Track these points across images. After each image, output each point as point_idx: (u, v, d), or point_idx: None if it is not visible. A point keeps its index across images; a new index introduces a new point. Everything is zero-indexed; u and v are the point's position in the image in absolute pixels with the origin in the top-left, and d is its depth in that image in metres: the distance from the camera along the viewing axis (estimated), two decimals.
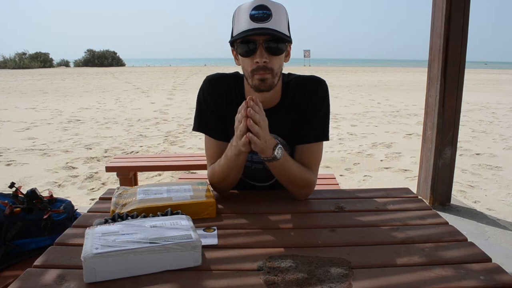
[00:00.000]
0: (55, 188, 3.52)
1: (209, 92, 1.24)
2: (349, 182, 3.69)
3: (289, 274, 0.78)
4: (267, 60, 1.08)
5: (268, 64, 1.08)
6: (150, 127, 6.41)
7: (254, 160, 1.27)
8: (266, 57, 1.07)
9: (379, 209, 1.16)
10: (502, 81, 19.48)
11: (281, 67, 1.14)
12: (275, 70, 1.10)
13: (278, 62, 1.11)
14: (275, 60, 1.09)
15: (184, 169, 3.53)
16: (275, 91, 1.19)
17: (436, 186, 2.91)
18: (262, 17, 1.04)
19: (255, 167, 1.28)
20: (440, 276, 0.78)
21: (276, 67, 1.10)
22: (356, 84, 15.80)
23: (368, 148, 5.04)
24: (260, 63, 1.08)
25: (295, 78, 1.25)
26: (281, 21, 1.07)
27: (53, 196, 1.52)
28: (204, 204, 1.07)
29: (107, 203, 1.22)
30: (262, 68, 1.09)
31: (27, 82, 16.15)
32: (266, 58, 1.07)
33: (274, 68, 1.10)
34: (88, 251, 0.75)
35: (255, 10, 1.05)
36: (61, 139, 5.50)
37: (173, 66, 39.61)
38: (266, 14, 1.05)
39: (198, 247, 0.81)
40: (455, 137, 2.85)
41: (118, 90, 12.95)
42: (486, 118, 7.46)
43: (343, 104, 9.33)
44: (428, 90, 2.90)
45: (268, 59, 1.08)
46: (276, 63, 1.10)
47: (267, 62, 1.08)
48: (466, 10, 2.66)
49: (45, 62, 33.39)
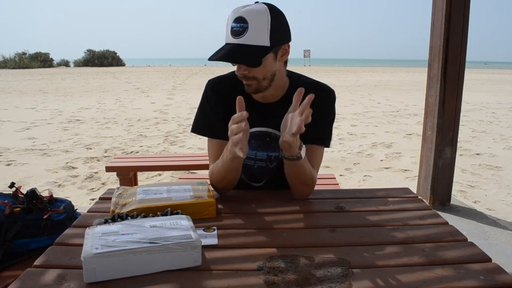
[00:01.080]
0: (55, 188, 3.52)
1: (212, 94, 1.26)
2: (349, 182, 3.69)
3: (289, 274, 0.78)
4: (245, 72, 1.10)
5: (249, 74, 1.10)
6: (150, 127, 6.41)
7: (258, 158, 1.27)
8: (244, 69, 1.09)
9: (379, 209, 1.16)
10: (502, 81, 19.48)
11: (270, 70, 1.12)
12: (258, 78, 1.11)
13: (261, 70, 1.10)
14: (255, 70, 1.09)
15: (184, 169, 3.53)
16: (278, 87, 1.20)
17: (436, 186, 2.91)
18: (238, 31, 1.05)
19: (258, 165, 1.28)
20: (440, 276, 0.78)
21: (259, 75, 1.11)
22: (356, 84, 15.80)
23: (368, 148, 5.04)
24: (239, 75, 1.10)
25: (306, 80, 1.26)
26: (259, 32, 1.05)
27: (53, 196, 1.51)
28: (204, 204, 1.07)
29: (107, 203, 1.22)
30: (244, 77, 1.11)
31: (27, 82, 16.15)
32: (245, 69, 1.09)
33: (257, 76, 1.11)
34: (88, 251, 0.75)
35: (234, 23, 1.06)
36: (61, 139, 5.50)
37: (173, 66, 39.62)
38: (242, 27, 1.04)
39: (198, 247, 0.81)
40: (455, 137, 2.85)
41: (118, 90, 12.95)
42: (486, 118, 7.46)
43: (343, 104, 9.33)
44: (428, 90, 2.90)
45: (247, 70, 1.09)
46: (257, 72, 1.10)
47: (247, 73, 1.10)
48: (466, 10, 2.66)
49: (45, 62, 33.38)
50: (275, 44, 1.07)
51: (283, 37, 1.11)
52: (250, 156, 1.27)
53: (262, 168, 1.29)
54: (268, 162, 1.28)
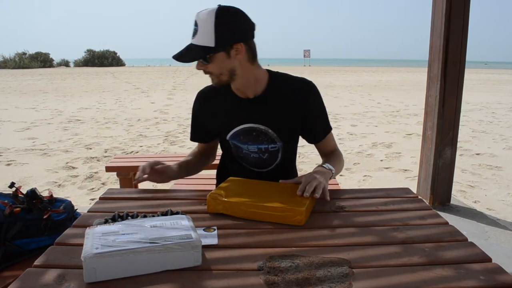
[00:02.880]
0: (55, 188, 3.52)
1: (199, 106, 1.41)
2: (349, 182, 3.69)
3: (289, 274, 0.78)
4: (201, 68, 1.20)
5: (206, 69, 1.20)
6: (150, 127, 6.41)
7: (250, 150, 1.36)
8: (200, 65, 1.19)
9: (379, 209, 1.16)
10: (502, 81, 19.48)
11: (226, 67, 1.19)
12: (214, 73, 1.20)
13: (214, 67, 1.18)
14: (209, 66, 1.18)
15: None
16: (256, 82, 1.28)
17: (436, 186, 2.91)
18: (193, 33, 1.16)
19: (253, 156, 1.38)
20: (440, 276, 0.78)
21: (215, 70, 1.20)
22: (356, 84, 15.80)
23: (368, 148, 5.04)
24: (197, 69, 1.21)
25: (284, 76, 1.34)
26: (204, 34, 1.13)
27: (53, 196, 1.51)
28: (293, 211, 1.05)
29: (107, 203, 1.22)
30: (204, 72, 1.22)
31: (27, 82, 16.15)
32: (201, 66, 1.19)
33: (213, 72, 1.20)
34: (88, 251, 0.75)
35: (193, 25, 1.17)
36: (61, 139, 5.50)
37: (173, 66, 39.58)
38: (195, 30, 1.15)
39: (198, 247, 0.82)
40: (455, 137, 2.85)
41: (118, 90, 12.95)
42: (486, 118, 7.46)
43: (343, 104, 9.33)
44: (428, 90, 2.90)
45: (203, 66, 1.19)
46: (212, 68, 1.19)
47: (203, 69, 1.20)
48: (466, 10, 2.66)
49: (45, 62, 33.35)
50: (222, 44, 1.14)
51: (233, 37, 1.16)
52: (243, 149, 1.37)
53: (257, 159, 1.38)
54: (260, 154, 1.36)
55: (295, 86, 1.31)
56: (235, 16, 1.16)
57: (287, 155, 1.39)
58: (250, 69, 1.24)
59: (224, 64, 1.18)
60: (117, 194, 1.32)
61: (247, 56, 1.21)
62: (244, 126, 1.32)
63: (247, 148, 1.36)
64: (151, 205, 1.21)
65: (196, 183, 2.43)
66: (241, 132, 1.34)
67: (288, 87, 1.31)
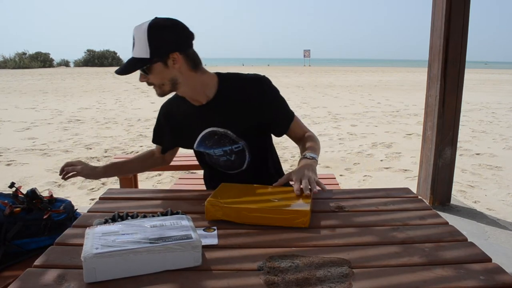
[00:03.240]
0: (55, 188, 3.52)
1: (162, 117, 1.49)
2: (349, 182, 3.69)
3: (289, 274, 0.78)
4: (143, 80, 1.23)
5: (148, 80, 1.23)
6: (150, 127, 6.41)
7: (217, 154, 1.38)
8: (142, 78, 1.23)
9: (379, 209, 1.16)
10: (502, 81, 19.48)
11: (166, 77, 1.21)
12: (156, 83, 1.23)
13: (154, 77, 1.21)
14: (150, 77, 1.21)
15: (184, 169, 3.52)
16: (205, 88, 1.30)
17: (436, 186, 2.91)
18: (132, 47, 1.19)
19: (222, 159, 1.39)
20: (440, 276, 0.78)
21: (156, 81, 1.22)
22: (356, 84, 15.80)
23: (368, 148, 5.04)
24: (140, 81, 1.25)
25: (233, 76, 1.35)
26: (140, 46, 1.16)
27: (53, 196, 1.51)
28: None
29: (107, 203, 1.22)
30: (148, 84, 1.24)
31: (27, 82, 16.15)
32: (143, 78, 1.23)
33: (154, 82, 1.22)
34: (88, 251, 0.75)
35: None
36: (61, 139, 5.51)
37: None
38: (133, 43, 1.19)
39: (198, 247, 0.82)
40: (455, 137, 2.85)
41: (118, 90, 12.95)
42: (486, 118, 7.46)
43: (343, 104, 9.32)
44: (428, 90, 2.90)
45: (145, 78, 1.22)
46: (153, 79, 1.21)
47: (145, 81, 1.23)
48: (466, 10, 2.66)
49: (45, 62, 33.35)
50: (157, 54, 1.16)
51: (168, 47, 1.18)
52: (211, 154, 1.39)
53: (226, 161, 1.40)
54: (227, 156, 1.38)
55: (247, 84, 1.32)
56: (168, 28, 1.18)
57: (256, 153, 1.39)
58: (192, 76, 1.25)
59: (163, 74, 1.21)
60: (117, 194, 1.32)
61: (186, 64, 1.22)
62: (205, 132, 1.35)
63: (213, 152, 1.38)
64: (151, 205, 1.21)
65: (196, 183, 2.43)
66: (204, 138, 1.36)
67: (240, 86, 1.32)
